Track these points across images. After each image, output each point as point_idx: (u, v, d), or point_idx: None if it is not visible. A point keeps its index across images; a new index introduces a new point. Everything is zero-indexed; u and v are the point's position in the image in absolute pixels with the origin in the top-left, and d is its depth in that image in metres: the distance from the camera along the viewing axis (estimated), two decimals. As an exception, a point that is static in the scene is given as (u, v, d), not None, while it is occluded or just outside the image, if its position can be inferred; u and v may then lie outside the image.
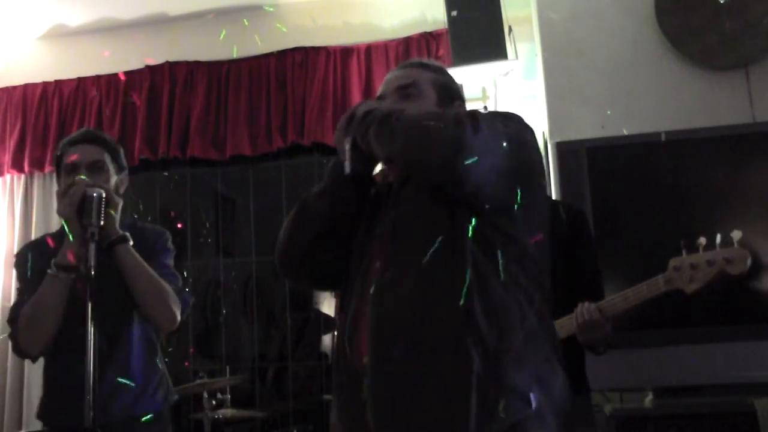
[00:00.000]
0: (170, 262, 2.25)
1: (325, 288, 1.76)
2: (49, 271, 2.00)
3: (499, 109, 1.67)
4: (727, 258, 1.99)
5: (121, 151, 2.27)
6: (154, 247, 2.21)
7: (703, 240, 2.02)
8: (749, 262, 1.99)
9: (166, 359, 2.33)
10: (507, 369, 1.34)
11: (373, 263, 1.49)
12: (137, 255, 2.07)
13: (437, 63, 1.76)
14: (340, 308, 1.57)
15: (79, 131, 2.27)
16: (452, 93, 1.65)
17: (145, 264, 2.08)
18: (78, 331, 1.87)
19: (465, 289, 1.35)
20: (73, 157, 2.11)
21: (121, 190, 2.22)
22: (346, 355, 1.48)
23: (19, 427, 3.94)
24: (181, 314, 2.14)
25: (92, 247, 1.86)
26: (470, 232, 1.39)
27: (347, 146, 1.49)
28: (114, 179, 2.17)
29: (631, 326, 2.55)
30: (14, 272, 2.30)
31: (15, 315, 2.09)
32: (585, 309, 2.03)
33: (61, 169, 2.16)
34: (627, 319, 2.12)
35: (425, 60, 1.73)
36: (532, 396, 1.34)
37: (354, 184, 1.54)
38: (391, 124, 1.43)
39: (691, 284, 2.01)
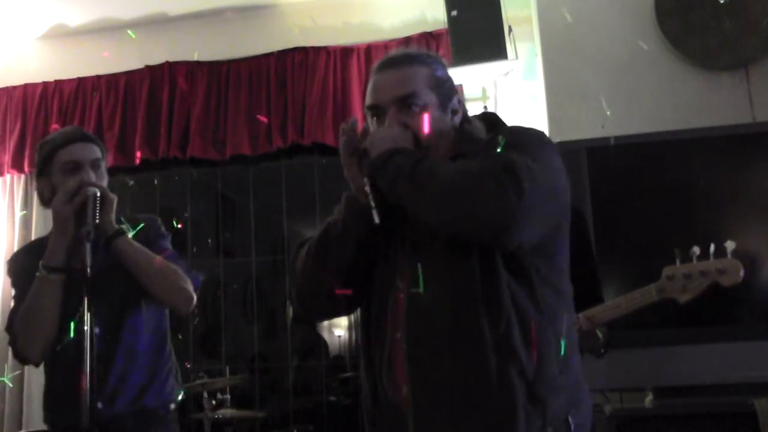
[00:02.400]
0: (169, 245, 2.22)
1: (342, 315, 1.70)
2: (37, 273, 1.97)
3: (510, 128, 1.54)
4: (720, 269, 1.98)
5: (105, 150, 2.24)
6: (150, 234, 2.19)
7: (696, 249, 2.01)
8: (742, 273, 1.99)
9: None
10: (548, 397, 1.34)
11: (400, 290, 1.45)
12: (138, 244, 2.04)
13: (424, 51, 1.65)
14: (365, 338, 1.53)
15: (69, 129, 2.21)
16: (448, 89, 1.56)
17: (148, 251, 2.05)
18: (76, 329, 1.86)
19: (505, 321, 1.34)
20: (75, 156, 2.08)
21: None
22: (383, 386, 1.45)
23: (19, 427, 3.94)
24: (195, 292, 2.12)
25: (87, 246, 1.85)
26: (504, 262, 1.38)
27: (368, 189, 1.43)
28: (106, 177, 2.15)
29: (631, 326, 2.55)
30: (10, 279, 2.23)
31: (12, 321, 2.07)
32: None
33: (53, 167, 2.09)
34: (627, 320, 2.11)
35: (412, 51, 1.61)
36: (571, 420, 1.37)
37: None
38: (422, 184, 1.36)
39: (684, 294, 2.01)
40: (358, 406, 1.56)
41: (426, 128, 1.47)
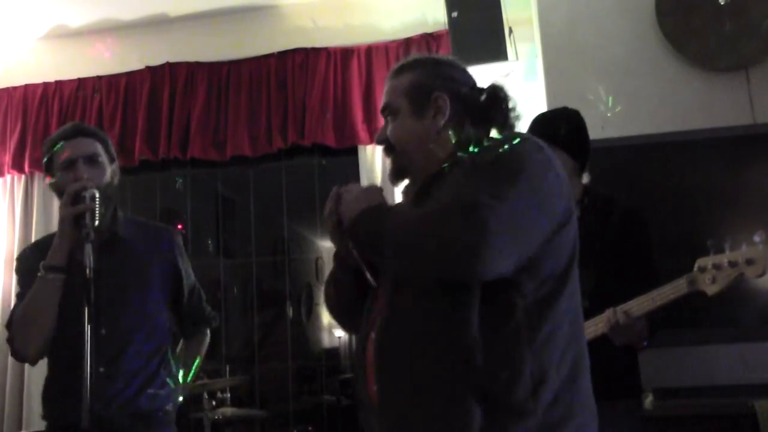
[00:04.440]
0: (190, 269, 2.31)
1: None
2: (39, 273, 1.98)
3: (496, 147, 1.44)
4: (748, 259, 1.92)
5: (110, 141, 2.23)
6: (167, 247, 2.23)
7: (729, 240, 1.99)
8: None
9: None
10: (510, 424, 1.27)
11: (379, 298, 1.47)
12: None
13: (421, 56, 1.64)
14: (355, 353, 1.57)
15: (67, 126, 2.21)
16: (425, 89, 1.53)
17: None
18: (77, 329, 1.87)
19: (468, 339, 1.29)
20: (69, 153, 2.07)
21: (115, 181, 2.19)
22: (360, 382, 1.46)
23: (19, 427, 3.94)
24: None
25: (88, 247, 1.84)
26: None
27: (356, 254, 1.50)
28: (108, 171, 2.15)
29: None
30: (17, 277, 2.26)
31: (11, 319, 2.07)
32: (611, 313, 2.03)
33: (54, 165, 2.11)
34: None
35: (409, 59, 1.62)
36: None
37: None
38: (394, 245, 1.35)
39: (713, 286, 1.96)
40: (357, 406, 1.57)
41: (391, 139, 1.56)
